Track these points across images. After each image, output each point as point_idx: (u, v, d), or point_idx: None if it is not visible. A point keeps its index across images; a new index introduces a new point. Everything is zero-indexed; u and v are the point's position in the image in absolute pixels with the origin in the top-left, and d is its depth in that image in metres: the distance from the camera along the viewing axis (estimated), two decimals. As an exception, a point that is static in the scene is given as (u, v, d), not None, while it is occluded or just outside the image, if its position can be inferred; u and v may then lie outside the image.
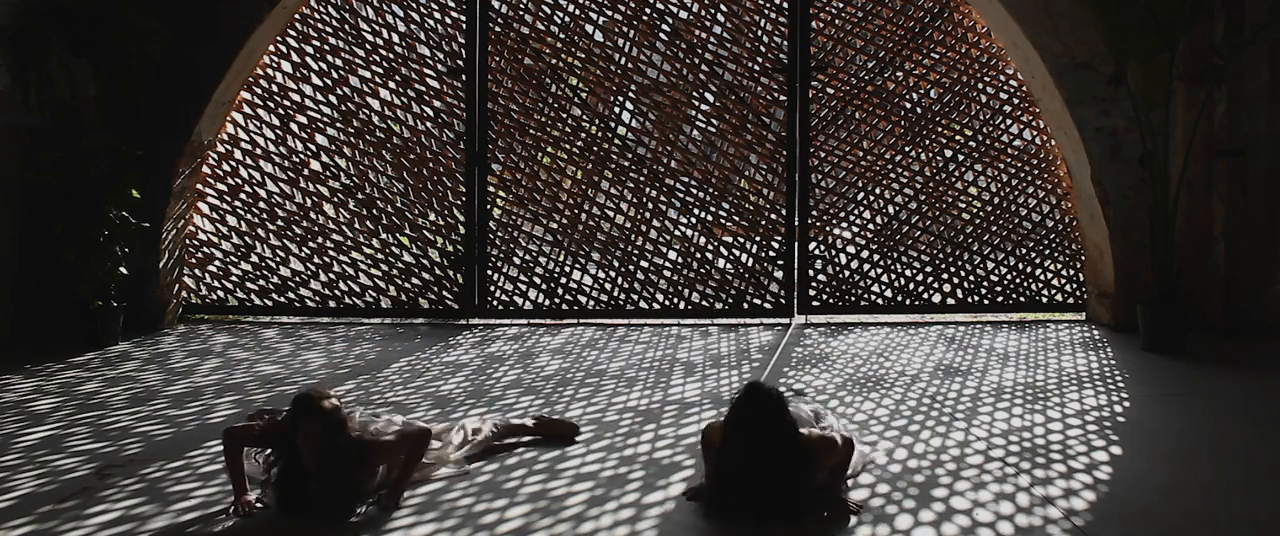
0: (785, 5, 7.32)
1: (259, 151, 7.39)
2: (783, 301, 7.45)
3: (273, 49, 7.29)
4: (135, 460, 3.89)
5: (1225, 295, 6.67)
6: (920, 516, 3.26)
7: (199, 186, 7.33)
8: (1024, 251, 7.46)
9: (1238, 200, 6.65)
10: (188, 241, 7.37)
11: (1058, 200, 7.43)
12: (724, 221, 7.47)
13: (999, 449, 4.02)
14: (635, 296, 7.47)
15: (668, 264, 7.46)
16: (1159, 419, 4.58)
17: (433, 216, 7.43)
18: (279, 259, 7.44)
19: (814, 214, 7.42)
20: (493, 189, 7.43)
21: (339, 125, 7.40)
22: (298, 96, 7.36)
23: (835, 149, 7.41)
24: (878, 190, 7.45)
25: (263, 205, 7.40)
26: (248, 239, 7.43)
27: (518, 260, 7.43)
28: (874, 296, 7.48)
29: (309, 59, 7.34)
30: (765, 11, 7.34)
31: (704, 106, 7.43)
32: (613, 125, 7.42)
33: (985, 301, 7.49)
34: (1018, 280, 7.49)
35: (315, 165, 7.44)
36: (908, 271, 7.48)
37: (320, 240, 7.44)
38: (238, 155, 7.38)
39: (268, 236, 7.43)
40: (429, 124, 7.39)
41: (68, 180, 6.29)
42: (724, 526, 3.19)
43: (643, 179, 7.42)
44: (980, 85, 7.38)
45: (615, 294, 7.48)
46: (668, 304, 7.47)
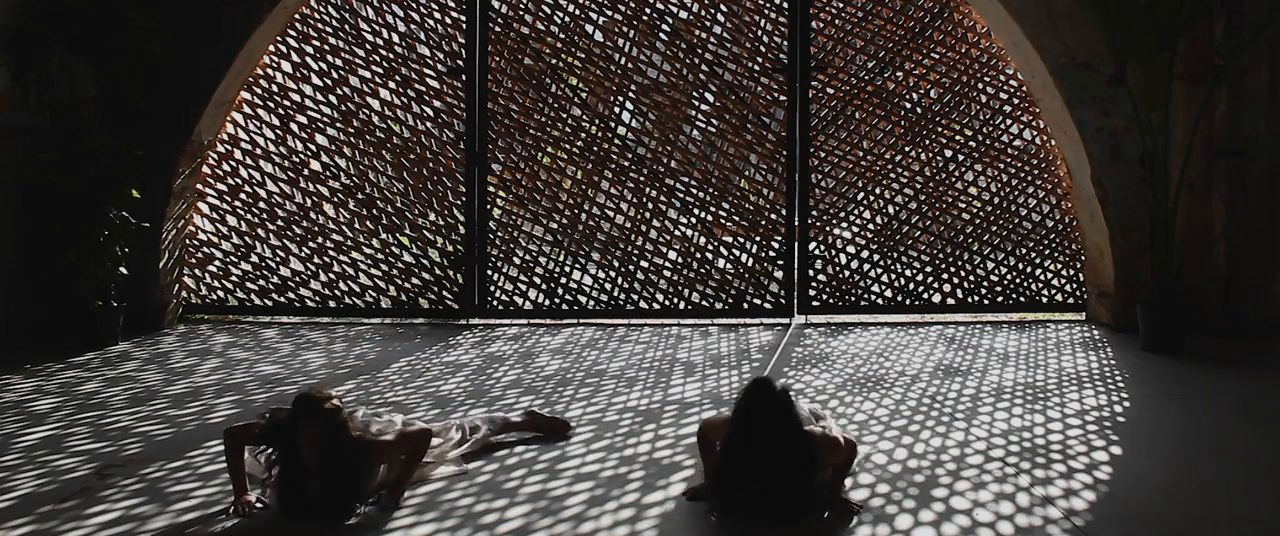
0: (785, 5, 7.32)
1: (259, 151, 7.39)
2: (783, 301, 7.45)
3: (273, 49, 7.29)
4: (135, 460, 3.89)
5: (1225, 295, 6.68)
6: (920, 516, 3.26)
7: (199, 186, 7.33)
8: (1024, 251, 7.46)
9: (1238, 200, 6.65)
10: (188, 241, 7.37)
11: (1058, 200, 7.43)
12: (724, 221, 7.46)
13: (999, 449, 4.02)
14: (635, 296, 7.47)
15: (668, 264, 7.46)
16: (1159, 419, 4.58)
17: (433, 216, 7.43)
18: (279, 259, 7.44)
19: (814, 214, 7.42)
20: (493, 189, 7.43)
21: (339, 125, 7.40)
22: (298, 96, 7.36)
23: (835, 149, 7.42)
24: (878, 190, 7.45)
25: (263, 205, 7.41)
26: (248, 239, 7.43)
27: (518, 260, 7.43)
28: (874, 296, 7.48)
29: (309, 59, 7.35)
30: (765, 11, 7.34)
31: (704, 106, 7.43)
32: (613, 125, 7.42)
33: (985, 301, 7.49)
34: (1018, 280, 7.49)
35: (315, 165, 7.44)
36: (908, 271, 7.48)
37: (320, 240, 7.44)
38: (238, 155, 7.39)
39: (268, 236, 7.44)
40: (429, 124, 7.39)
41: (68, 180, 6.30)
42: (726, 527, 3.18)
43: (643, 179, 7.42)
44: (980, 85, 7.38)
45: (615, 294, 7.48)
46: (668, 304, 7.47)
